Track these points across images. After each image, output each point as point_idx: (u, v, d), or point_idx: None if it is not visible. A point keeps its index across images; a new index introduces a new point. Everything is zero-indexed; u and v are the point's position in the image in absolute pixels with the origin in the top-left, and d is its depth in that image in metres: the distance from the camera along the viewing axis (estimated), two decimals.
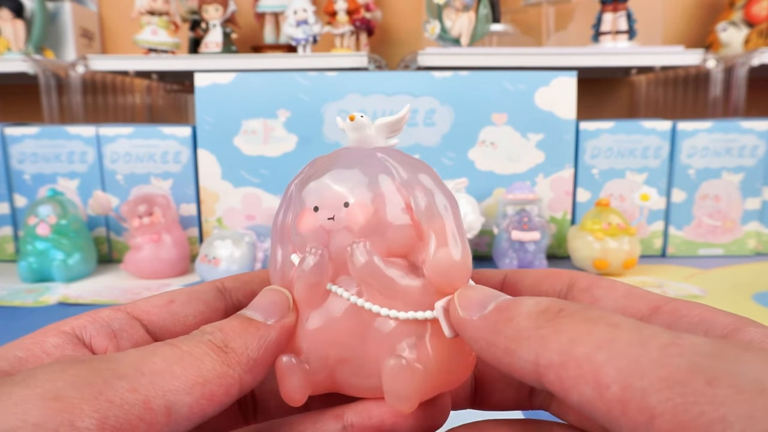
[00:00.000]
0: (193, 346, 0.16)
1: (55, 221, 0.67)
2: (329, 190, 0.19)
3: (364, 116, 0.20)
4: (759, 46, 0.92)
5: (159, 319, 0.19)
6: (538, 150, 0.74)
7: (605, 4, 0.92)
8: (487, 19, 0.89)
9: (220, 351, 0.16)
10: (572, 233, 0.71)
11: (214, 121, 0.74)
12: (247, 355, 0.17)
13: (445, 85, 0.73)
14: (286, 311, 0.19)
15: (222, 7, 0.96)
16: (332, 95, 0.73)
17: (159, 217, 0.69)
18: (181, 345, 0.16)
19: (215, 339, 0.17)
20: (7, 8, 0.93)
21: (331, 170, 0.19)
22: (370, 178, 0.19)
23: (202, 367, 0.16)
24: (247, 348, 0.17)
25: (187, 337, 0.17)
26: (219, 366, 0.16)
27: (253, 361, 0.17)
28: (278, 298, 0.19)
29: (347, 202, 0.18)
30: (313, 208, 0.19)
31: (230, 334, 0.17)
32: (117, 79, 1.04)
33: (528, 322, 0.14)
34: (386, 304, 0.18)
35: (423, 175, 0.19)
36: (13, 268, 0.73)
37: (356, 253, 0.18)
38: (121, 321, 0.18)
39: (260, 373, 0.17)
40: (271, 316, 0.18)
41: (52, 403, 0.13)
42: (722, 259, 0.76)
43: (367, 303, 0.18)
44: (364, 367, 0.18)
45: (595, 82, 1.14)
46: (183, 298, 0.20)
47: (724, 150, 0.75)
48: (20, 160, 0.75)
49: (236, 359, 0.17)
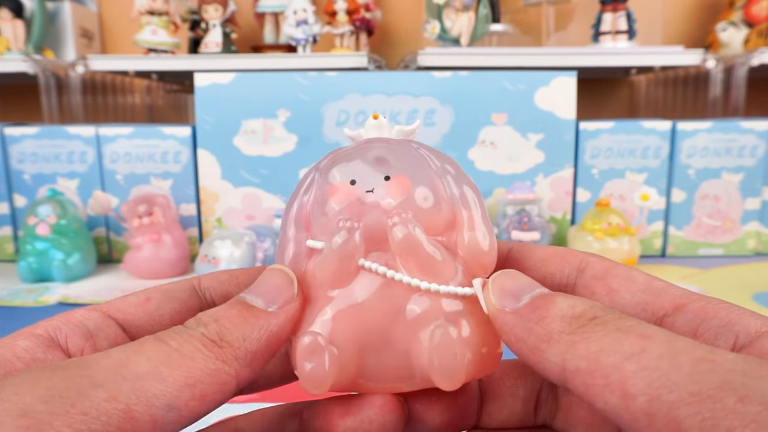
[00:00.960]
0: (184, 342, 0.15)
1: (55, 221, 0.67)
2: (366, 166, 0.18)
3: (386, 117, 0.20)
4: (759, 46, 0.92)
5: (135, 318, 0.18)
6: (538, 150, 0.74)
7: (605, 4, 0.92)
8: (487, 19, 0.89)
9: (213, 345, 0.15)
10: (572, 233, 0.71)
11: (214, 121, 0.74)
12: (245, 349, 0.15)
13: (445, 85, 0.73)
14: (290, 296, 0.17)
15: (222, 7, 0.96)
16: (332, 95, 0.73)
17: (159, 217, 0.68)
18: (170, 341, 0.15)
19: (209, 332, 0.15)
20: (7, 8, 0.93)
21: (365, 153, 0.19)
22: (406, 159, 0.19)
23: (193, 365, 0.14)
24: (245, 340, 0.16)
25: (178, 330, 0.15)
26: (212, 363, 0.15)
27: (251, 355, 0.16)
28: (282, 280, 0.17)
29: (388, 176, 0.18)
30: (349, 181, 0.18)
31: (226, 324, 0.16)
32: (117, 79, 1.04)
33: (560, 325, 0.14)
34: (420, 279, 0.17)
35: (452, 166, 0.19)
36: (13, 268, 0.73)
37: (399, 225, 0.17)
38: (96, 320, 0.17)
39: (259, 366, 0.16)
40: (273, 302, 0.17)
41: (19, 420, 0.12)
42: (722, 259, 0.76)
43: (405, 277, 0.17)
44: (393, 354, 0.17)
45: (595, 82, 1.14)
46: (159, 297, 0.19)
47: (723, 150, 0.75)
48: (20, 160, 0.75)
49: (232, 354, 0.15)
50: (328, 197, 0.18)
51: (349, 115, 0.73)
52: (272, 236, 0.69)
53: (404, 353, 0.17)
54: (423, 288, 0.17)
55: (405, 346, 0.17)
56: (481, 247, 0.18)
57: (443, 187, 0.18)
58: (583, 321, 0.14)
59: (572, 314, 0.14)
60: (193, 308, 0.19)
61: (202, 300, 0.20)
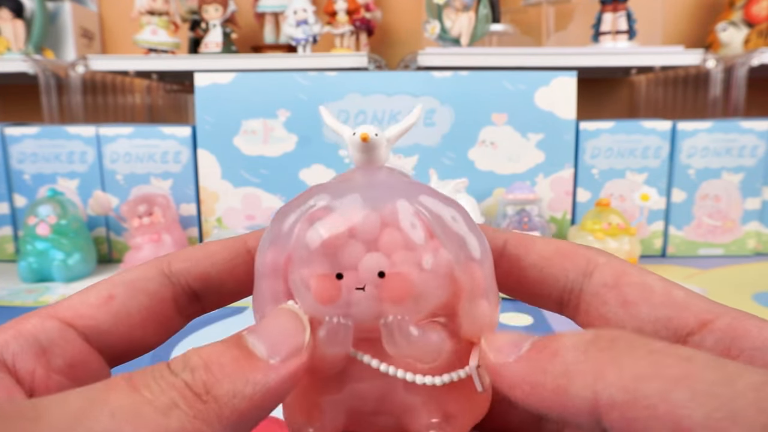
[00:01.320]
0: (161, 393, 0.12)
1: (55, 221, 0.67)
2: (356, 251, 0.15)
3: (378, 134, 0.17)
4: (759, 46, 0.92)
5: (98, 322, 0.16)
6: (538, 150, 0.74)
7: (605, 4, 0.92)
8: (487, 19, 0.89)
9: (196, 400, 0.12)
10: (572, 233, 0.71)
11: (214, 121, 0.74)
12: (233, 408, 0.12)
13: (445, 85, 0.73)
14: (299, 347, 0.14)
15: (222, 7, 0.96)
16: (332, 95, 0.73)
17: (159, 217, 0.69)
18: (143, 389, 0.12)
19: (194, 381, 0.12)
20: (7, 8, 0.93)
21: (351, 215, 0.16)
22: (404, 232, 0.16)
23: (168, 425, 0.12)
24: (235, 396, 0.13)
25: (157, 374, 0.13)
26: (189, 423, 0.12)
27: (237, 415, 0.13)
28: (292, 326, 0.15)
29: (382, 272, 0.15)
30: (335, 275, 0.15)
31: (216, 374, 0.13)
32: (117, 79, 1.04)
33: (577, 355, 0.12)
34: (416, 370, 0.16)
35: (460, 215, 0.16)
36: (13, 268, 0.73)
37: (395, 332, 0.15)
38: (51, 333, 0.15)
39: (246, 429, 0.13)
40: (277, 353, 0.14)
41: None
42: (722, 259, 0.76)
43: (400, 371, 0.16)
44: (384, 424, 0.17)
45: (595, 82, 1.14)
46: (123, 291, 0.16)
47: (724, 150, 0.75)
48: (20, 160, 0.75)
49: (216, 412, 0.12)
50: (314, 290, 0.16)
51: (349, 115, 0.73)
52: None
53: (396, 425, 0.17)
54: (418, 383, 0.16)
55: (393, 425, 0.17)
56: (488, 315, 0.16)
57: (445, 255, 0.16)
58: (604, 344, 0.12)
59: (587, 340, 0.12)
60: (166, 299, 0.17)
61: (176, 286, 0.17)
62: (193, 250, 0.18)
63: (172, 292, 0.17)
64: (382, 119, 0.73)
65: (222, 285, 0.18)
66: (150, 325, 0.17)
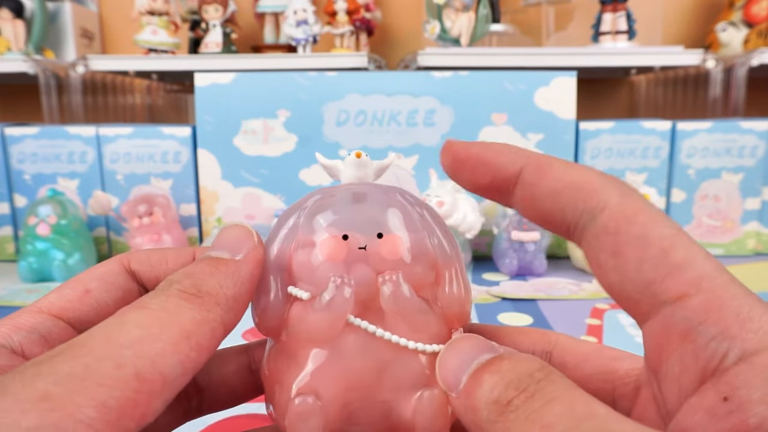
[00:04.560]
0: (164, 302, 0.15)
1: (55, 221, 0.67)
2: (359, 219, 0.18)
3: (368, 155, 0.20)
4: (758, 46, 0.92)
5: (81, 314, 0.18)
6: (538, 150, 0.74)
7: (605, 4, 0.92)
8: (487, 19, 0.89)
9: (194, 298, 0.15)
10: None
11: (214, 121, 0.74)
12: (224, 294, 0.16)
13: (445, 85, 0.73)
14: (253, 244, 0.18)
15: (222, 7, 0.96)
16: (332, 95, 0.73)
17: (159, 217, 0.69)
18: (150, 305, 0.15)
19: (185, 287, 0.16)
20: (7, 8, 0.93)
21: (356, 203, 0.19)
22: (395, 214, 0.19)
23: (182, 319, 0.15)
24: (222, 287, 0.16)
25: (153, 294, 0.16)
26: (198, 313, 0.15)
27: (231, 299, 0.16)
28: (242, 232, 0.18)
29: (380, 233, 0.18)
30: (341, 236, 0.18)
31: (201, 276, 0.16)
32: (117, 79, 1.04)
33: (485, 414, 0.14)
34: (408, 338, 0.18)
35: (435, 219, 0.20)
36: (13, 268, 0.73)
37: (391, 285, 0.17)
38: (45, 323, 0.17)
39: (241, 309, 0.17)
40: (238, 251, 0.17)
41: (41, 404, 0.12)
42: (722, 259, 0.76)
43: (393, 336, 0.17)
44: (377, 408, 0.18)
45: (595, 82, 1.14)
46: (98, 286, 0.19)
47: (723, 150, 0.75)
48: (20, 160, 0.75)
49: (213, 301, 0.16)
50: (317, 248, 0.18)
51: (349, 115, 0.74)
52: None
53: (388, 408, 0.18)
54: (410, 347, 0.17)
55: (389, 401, 0.18)
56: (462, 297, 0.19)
57: (429, 244, 0.19)
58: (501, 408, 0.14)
59: (491, 399, 0.14)
60: (133, 291, 0.19)
61: (139, 282, 0.20)
62: (152, 253, 0.20)
63: (137, 286, 0.20)
64: (382, 119, 0.73)
65: None
66: None
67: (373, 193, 0.19)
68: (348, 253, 0.18)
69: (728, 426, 0.12)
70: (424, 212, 0.19)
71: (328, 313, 0.17)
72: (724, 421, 0.13)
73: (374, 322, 0.18)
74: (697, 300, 0.14)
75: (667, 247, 0.14)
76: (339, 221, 0.18)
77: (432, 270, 0.19)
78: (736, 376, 0.13)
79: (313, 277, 0.18)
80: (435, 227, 0.19)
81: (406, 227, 0.18)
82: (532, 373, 0.14)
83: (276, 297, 0.18)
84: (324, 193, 0.20)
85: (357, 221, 0.18)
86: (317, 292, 0.18)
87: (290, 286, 0.18)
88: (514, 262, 0.68)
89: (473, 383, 0.15)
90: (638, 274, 0.15)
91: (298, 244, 0.19)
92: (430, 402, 0.17)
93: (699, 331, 0.13)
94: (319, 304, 0.17)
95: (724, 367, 0.13)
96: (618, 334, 0.49)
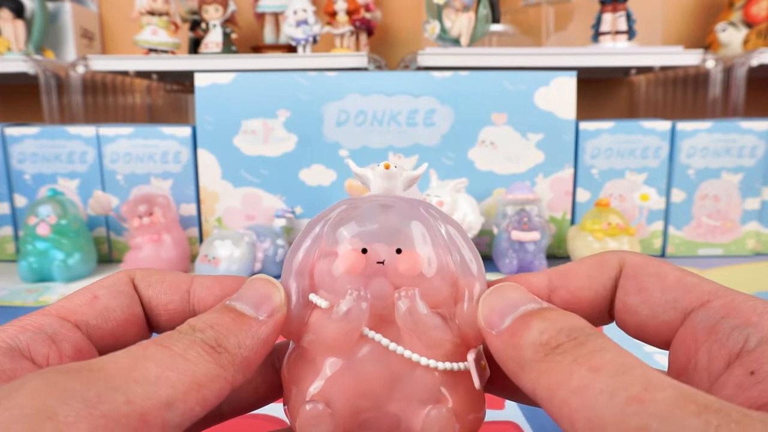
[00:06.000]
0: (186, 348, 0.15)
1: (55, 221, 0.67)
2: (380, 234, 0.18)
3: (397, 166, 0.20)
4: (758, 46, 0.92)
5: (88, 318, 0.18)
6: (537, 150, 0.74)
7: (605, 4, 0.92)
8: (487, 19, 0.90)
9: (213, 351, 0.16)
10: (572, 233, 0.71)
11: (214, 121, 0.74)
12: (240, 355, 0.16)
13: (445, 85, 0.73)
14: (278, 305, 0.18)
15: (222, 7, 0.96)
16: (332, 95, 0.73)
17: (159, 217, 0.69)
18: (172, 346, 0.15)
19: (207, 338, 0.16)
20: (7, 8, 0.93)
21: (379, 217, 0.19)
22: (417, 229, 0.19)
23: (197, 371, 0.15)
24: (240, 347, 0.16)
25: (177, 336, 0.16)
26: (213, 368, 0.15)
27: (246, 361, 0.16)
28: (269, 290, 0.18)
29: (399, 248, 0.18)
30: (361, 249, 0.18)
31: (222, 331, 0.16)
32: (117, 79, 1.04)
33: (530, 353, 0.15)
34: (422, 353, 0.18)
35: (460, 234, 0.20)
36: (13, 268, 0.73)
37: (406, 301, 0.18)
38: (54, 325, 0.17)
39: (251, 371, 0.17)
40: (263, 311, 0.18)
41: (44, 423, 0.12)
42: (722, 259, 0.77)
43: (407, 351, 0.18)
44: (387, 420, 0.18)
45: (595, 82, 1.15)
46: (106, 293, 0.19)
47: (723, 150, 0.75)
48: (20, 160, 0.75)
49: (229, 359, 0.16)
50: (338, 260, 0.18)
51: (349, 115, 0.74)
52: (272, 236, 0.69)
53: (398, 420, 0.18)
54: (423, 364, 0.18)
55: (399, 414, 0.18)
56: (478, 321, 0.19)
57: (450, 260, 0.19)
58: (548, 349, 0.15)
59: (540, 341, 0.15)
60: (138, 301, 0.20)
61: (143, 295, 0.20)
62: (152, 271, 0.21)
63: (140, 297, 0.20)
64: (382, 119, 0.74)
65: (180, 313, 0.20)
66: (131, 325, 0.20)
67: (396, 206, 0.19)
68: (366, 266, 0.18)
69: (756, 394, 0.14)
70: (449, 227, 0.20)
71: (344, 324, 0.18)
72: (752, 390, 0.14)
73: (390, 335, 0.18)
74: (718, 303, 0.16)
75: (681, 277, 0.18)
76: (361, 234, 0.19)
77: (451, 286, 0.19)
78: (761, 353, 0.15)
79: (333, 286, 0.18)
80: (459, 243, 0.19)
81: (427, 243, 0.19)
82: (583, 327, 0.15)
83: (298, 302, 0.19)
84: (349, 204, 0.20)
85: (378, 235, 0.18)
86: (336, 301, 0.18)
87: (311, 293, 0.19)
88: (514, 262, 0.68)
89: (520, 325, 0.16)
90: (663, 295, 0.18)
91: (321, 253, 0.19)
92: (438, 420, 0.17)
93: (722, 324, 0.16)
94: (336, 314, 0.18)
95: (747, 349, 0.15)
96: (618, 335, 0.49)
